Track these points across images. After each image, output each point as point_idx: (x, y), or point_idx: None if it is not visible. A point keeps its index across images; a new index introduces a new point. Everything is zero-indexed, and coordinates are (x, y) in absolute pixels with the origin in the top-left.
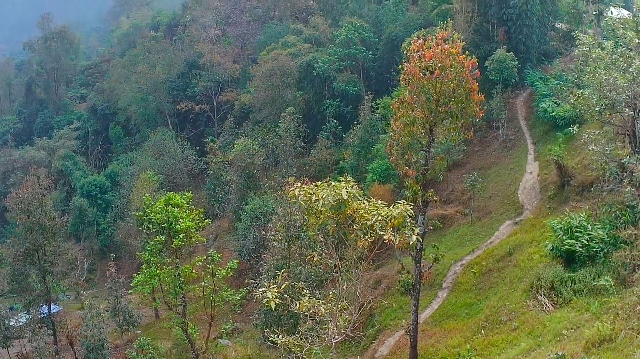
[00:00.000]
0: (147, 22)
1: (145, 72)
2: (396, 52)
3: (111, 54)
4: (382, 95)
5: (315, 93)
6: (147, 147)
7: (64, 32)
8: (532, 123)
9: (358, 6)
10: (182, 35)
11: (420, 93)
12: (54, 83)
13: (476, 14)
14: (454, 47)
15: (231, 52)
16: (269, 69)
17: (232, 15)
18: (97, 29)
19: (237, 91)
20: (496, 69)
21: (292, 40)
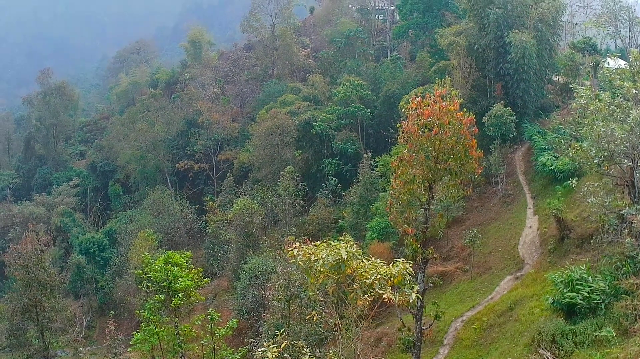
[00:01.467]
0: (146, 80)
1: (144, 129)
2: (394, 109)
3: (110, 111)
4: (381, 152)
5: (314, 152)
6: (146, 205)
7: (63, 87)
8: (531, 178)
9: (356, 64)
10: (181, 93)
11: (419, 151)
12: (53, 139)
13: (474, 69)
14: (451, 104)
15: (230, 110)
16: (268, 128)
17: (231, 73)
18: (96, 85)
19: (236, 150)
20: (494, 125)
21: (291, 99)
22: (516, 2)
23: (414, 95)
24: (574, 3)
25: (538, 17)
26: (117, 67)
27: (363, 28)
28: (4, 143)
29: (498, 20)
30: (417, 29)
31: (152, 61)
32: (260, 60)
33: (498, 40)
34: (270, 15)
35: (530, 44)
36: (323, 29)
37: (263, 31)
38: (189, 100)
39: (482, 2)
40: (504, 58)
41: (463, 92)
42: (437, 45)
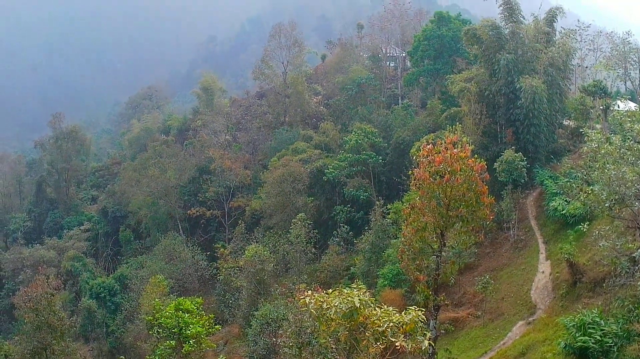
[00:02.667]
0: (158, 126)
1: (156, 176)
2: (406, 156)
3: (122, 157)
4: (392, 199)
5: (326, 199)
6: (158, 251)
7: (75, 132)
8: (542, 223)
9: (367, 111)
10: (193, 140)
11: (431, 198)
12: (65, 184)
13: (484, 115)
14: (463, 151)
15: (242, 157)
16: (280, 175)
17: (243, 120)
18: (108, 130)
19: (248, 197)
20: (505, 170)
21: (303, 146)
22: (526, 47)
23: (425, 142)
24: (583, 46)
25: (548, 61)
26: (129, 113)
27: (374, 75)
28: (15, 186)
29: (508, 65)
30: (428, 76)
31: (164, 107)
32: (272, 107)
33: (508, 85)
34: (282, 63)
35: (540, 88)
36: (335, 77)
37: (275, 78)
38: (201, 147)
39: (492, 48)
40: (515, 103)
41: (474, 139)
42: (448, 91)
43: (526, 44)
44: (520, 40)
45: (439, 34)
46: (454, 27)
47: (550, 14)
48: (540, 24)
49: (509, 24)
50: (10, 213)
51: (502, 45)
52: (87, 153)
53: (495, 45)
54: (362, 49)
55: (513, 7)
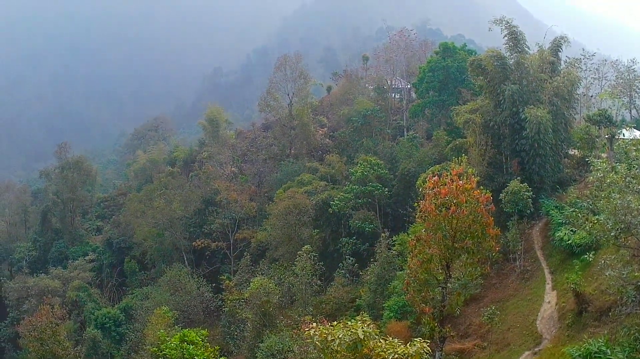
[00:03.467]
0: (164, 157)
1: (161, 207)
2: (411, 187)
3: (127, 188)
4: (398, 231)
5: (332, 231)
6: (163, 282)
7: (81, 162)
8: (548, 253)
9: (373, 143)
10: (198, 172)
11: (437, 230)
12: (70, 214)
13: (490, 146)
14: (468, 183)
15: (248, 189)
16: (285, 207)
17: (249, 152)
18: (113, 161)
19: (254, 229)
20: (511, 201)
21: (308, 178)
22: (531, 77)
23: (431, 174)
24: (588, 75)
25: (553, 91)
26: (135, 144)
27: (380, 107)
28: (20, 215)
29: (513, 96)
30: (434, 107)
31: (169, 139)
32: (277, 139)
33: (514, 116)
34: (288, 95)
35: (545, 119)
36: (340, 108)
37: (281, 110)
38: (206, 178)
39: (497, 79)
40: (520, 134)
41: (479, 170)
42: (453, 123)
43: (531, 74)
44: (525, 71)
45: (444, 65)
46: (459, 57)
47: (555, 44)
48: (545, 53)
49: (514, 54)
50: (15, 242)
51: (507, 75)
52: (93, 183)
53: (500, 76)
54: (367, 81)
55: (518, 37)
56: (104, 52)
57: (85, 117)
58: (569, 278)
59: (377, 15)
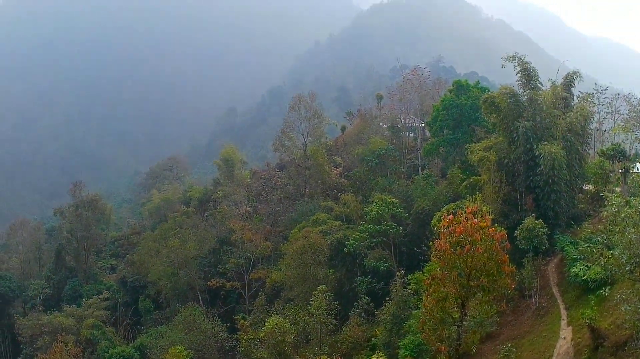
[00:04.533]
0: (179, 197)
1: (176, 247)
2: (426, 226)
3: (142, 227)
4: (413, 270)
5: (347, 271)
6: (177, 321)
7: (95, 201)
8: (564, 289)
9: (388, 182)
10: (213, 212)
11: (452, 268)
12: (84, 252)
13: (504, 184)
14: (483, 221)
15: (262, 229)
16: (300, 247)
17: (264, 192)
18: (128, 200)
19: (269, 268)
20: (526, 238)
21: (323, 218)
22: (544, 113)
23: (446, 213)
24: (601, 110)
25: (567, 126)
26: (149, 183)
27: (394, 146)
28: (34, 253)
29: (527, 133)
30: (448, 145)
31: (184, 178)
32: (292, 179)
33: (527, 153)
34: (302, 134)
35: (559, 154)
36: (354, 148)
37: (295, 150)
38: (221, 218)
39: (511, 116)
40: (534, 170)
41: (494, 207)
42: (467, 161)
43: (544, 110)
44: (538, 107)
45: (458, 103)
46: (472, 95)
47: (568, 79)
48: (558, 89)
49: (527, 91)
50: (29, 279)
51: (521, 112)
52: (107, 222)
53: (513, 113)
54: (381, 120)
55: (531, 74)
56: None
57: (99, 156)
58: (584, 313)
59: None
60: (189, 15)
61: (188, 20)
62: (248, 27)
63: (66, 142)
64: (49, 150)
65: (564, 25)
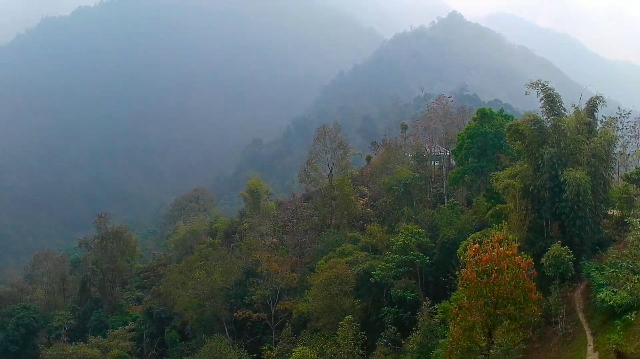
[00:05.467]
0: (205, 228)
1: (202, 278)
2: (452, 255)
3: (168, 258)
4: (440, 299)
5: (373, 301)
6: (203, 353)
7: (120, 233)
8: (590, 315)
9: (413, 212)
10: (239, 243)
11: (478, 297)
12: (110, 283)
13: (530, 211)
14: (509, 249)
15: (289, 260)
16: (327, 278)
17: (290, 223)
18: (153, 232)
19: (295, 299)
20: (552, 265)
21: (349, 249)
22: (568, 139)
23: (472, 242)
24: (625, 134)
25: (591, 152)
26: (175, 215)
27: (419, 175)
28: (59, 284)
29: (552, 159)
30: (473, 174)
31: (210, 209)
32: (318, 210)
33: (553, 179)
34: (328, 165)
35: (584, 180)
36: (380, 178)
37: (321, 181)
38: (247, 249)
39: (535, 142)
40: (560, 197)
41: (520, 235)
42: (493, 189)
43: (568, 136)
44: (562, 133)
45: (482, 131)
46: (496, 123)
47: (591, 104)
48: (582, 114)
49: (550, 117)
50: (54, 310)
51: (545, 139)
52: (133, 254)
53: (538, 140)
54: (406, 149)
55: (554, 100)
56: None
57: (124, 188)
58: (610, 338)
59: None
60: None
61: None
62: (272, 58)
63: (91, 173)
64: (73, 181)
65: (586, 50)
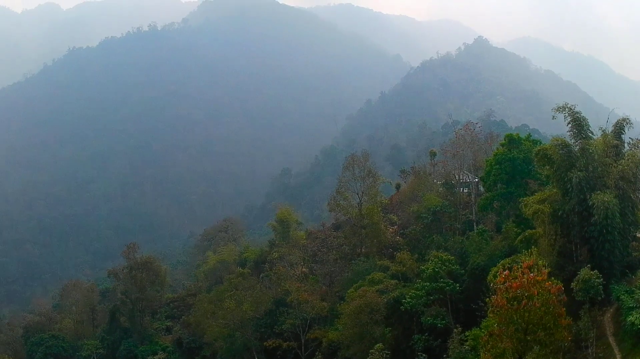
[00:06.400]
0: (234, 258)
1: (232, 308)
2: (482, 281)
3: (197, 288)
4: (470, 326)
5: (404, 329)
6: None
7: (150, 263)
8: (620, 338)
9: (443, 239)
10: (269, 273)
11: (509, 324)
12: (139, 313)
13: (559, 236)
14: (539, 275)
15: (319, 289)
16: (357, 306)
17: (319, 253)
18: (183, 262)
19: (325, 328)
20: (582, 289)
21: (379, 277)
22: (596, 162)
23: (502, 268)
24: None
25: (619, 175)
26: (204, 245)
27: (448, 202)
28: (88, 313)
29: (580, 183)
30: (502, 200)
31: (239, 239)
32: (348, 239)
33: (581, 203)
34: (357, 194)
35: (612, 203)
36: (409, 205)
37: (350, 210)
38: (277, 279)
39: (564, 167)
40: (588, 221)
41: (550, 260)
42: (522, 214)
43: (596, 159)
44: (590, 156)
45: (511, 157)
46: (524, 148)
47: (618, 126)
48: (609, 137)
49: (578, 141)
50: (83, 339)
51: (573, 163)
52: (162, 284)
53: (566, 164)
54: (435, 176)
55: (581, 123)
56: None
57: (153, 218)
58: None
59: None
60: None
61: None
62: (300, 89)
63: (119, 204)
64: (102, 212)
65: (612, 72)
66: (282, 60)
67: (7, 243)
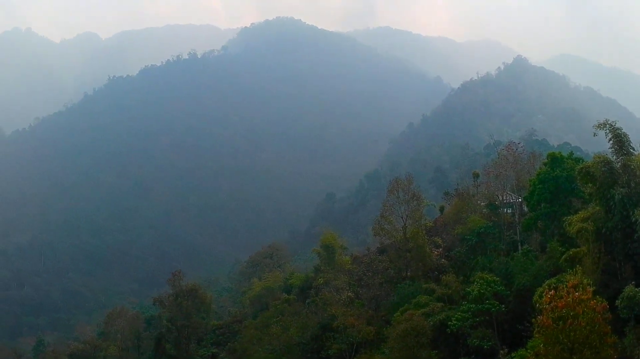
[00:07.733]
0: (280, 285)
1: (278, 334)
2: (528, 301)
3: (243, 315)
4: (516, 347)
5: (450, 351)
6: None
7: (195, 290)
8: None
9: (488, 261)
10: (315, 298)
11: (555, 344)
12: (185, 340)
13: (603, 253)
14: (584, 294)
15: (365, 314)
16: (403, 330)
17: (365, 277)
18: (228, 289)
19: (372, 352)
20: (627, 307)
21: (425, 300)
22: (639, 178)
23: (547, 288)
24: None
25: None
26: (249, 272)
27: (492, 223)
28: (134, 341)
29: (623, 200)
30: (546, 219)
31: (285, 266)
32: (393, 262)
33: (624, 220)
34: (402, 217)
35: None
36: (454, 228)
37: (395, 233)
38: (323, 304)
39: (606, 184)
40: (631, 238)
41: (594, 278)
42: (566, 233)
43: (638, 175)
44: (632, 173)
45: (554, 176)
46: (567, 167)
47: None
48: None
49: (620, 157)
50: None
51: (615, 179)
52: (208, 311)
53: (608, 181)
54: (479, 198)
55: (622, 139)
56: (215, 182)
57: (197, 245)
58: None
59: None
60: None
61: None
62: (341, 113)
63: (163, 231)
64: (146, 240)
65: None
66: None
67: (51, 272)
